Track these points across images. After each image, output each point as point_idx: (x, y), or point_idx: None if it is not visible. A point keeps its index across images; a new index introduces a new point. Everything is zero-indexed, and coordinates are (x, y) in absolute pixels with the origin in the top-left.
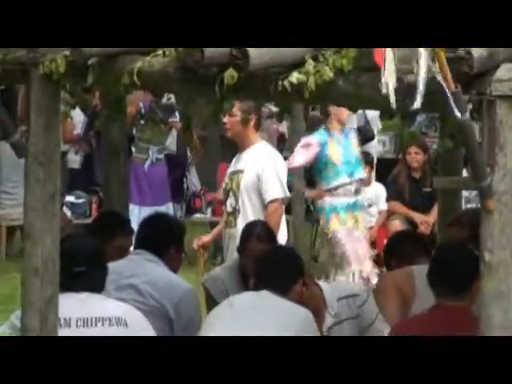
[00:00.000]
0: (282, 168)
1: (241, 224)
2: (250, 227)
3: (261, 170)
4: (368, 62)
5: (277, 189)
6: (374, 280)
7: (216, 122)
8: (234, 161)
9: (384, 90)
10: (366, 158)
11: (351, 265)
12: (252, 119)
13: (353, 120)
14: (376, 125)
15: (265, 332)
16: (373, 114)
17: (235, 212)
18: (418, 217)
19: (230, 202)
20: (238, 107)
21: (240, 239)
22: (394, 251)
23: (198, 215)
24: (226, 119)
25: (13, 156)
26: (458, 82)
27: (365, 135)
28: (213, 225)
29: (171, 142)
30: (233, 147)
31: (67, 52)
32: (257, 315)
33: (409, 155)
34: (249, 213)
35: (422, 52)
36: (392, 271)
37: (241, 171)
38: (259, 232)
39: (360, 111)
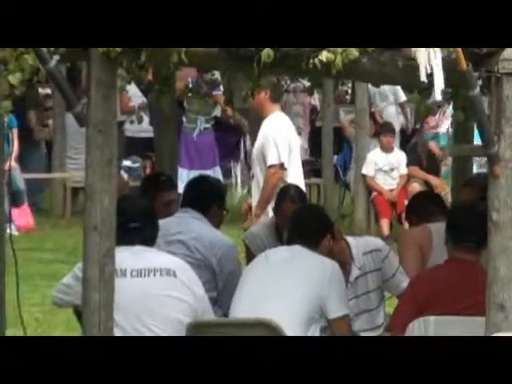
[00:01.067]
0: (282, 136)
1: (254, 187)
2: (284, 190)
3: (265, 139)
4: None
5: (274, 155)
6: None
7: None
8: None
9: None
10: (388, 127)
11: None
12: (266, 93)
13: None
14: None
15: (296, 282)
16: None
17: (253, 176)
18: (433, 180)
19: (254, 167)
20: None
21: (275, 201)
22: (415, 210)
23: None
24: None
25: (76, 125)
26: (469, 61)
27: None
28: None
29: (217, 113)
30: None
31: None
32: (289, 267)
33: (427, 125)
34: (259, 177)
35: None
36: (412, 228)
37: (258, 139)
38: (292, 194)
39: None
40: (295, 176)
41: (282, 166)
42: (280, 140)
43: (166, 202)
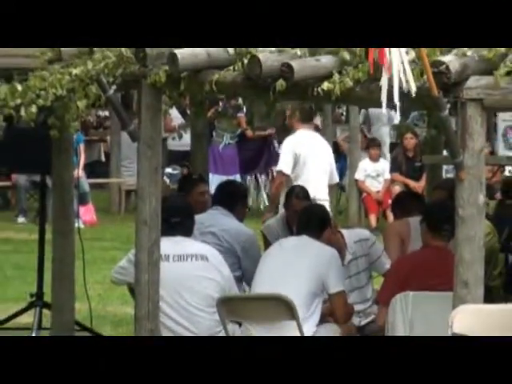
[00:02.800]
0: (287, 148)
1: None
2: (291, 189)
3: None
4: (377, 74)
5: (278, 164)
6: None
7: (270, 117)
8: None
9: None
10: (375, 142)
11: None
12: (295, 114)
13: None
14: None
15: (304, 264)
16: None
17: None
18: (411, 183)
19: None
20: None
21: (285, 198)
22: (398, 206)
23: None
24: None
25: (129, 141)
26: (440, 89)
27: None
28: None
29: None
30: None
31: (167, 67)
32: (298, 252)
33: (405, 140)
34: None
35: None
36: (395, 221)
37: None
38: (297, 192)
39: (363, 110)
40: (302, 182)
41: (281, 173)
42: (283, 151)
43: (200, 192)
